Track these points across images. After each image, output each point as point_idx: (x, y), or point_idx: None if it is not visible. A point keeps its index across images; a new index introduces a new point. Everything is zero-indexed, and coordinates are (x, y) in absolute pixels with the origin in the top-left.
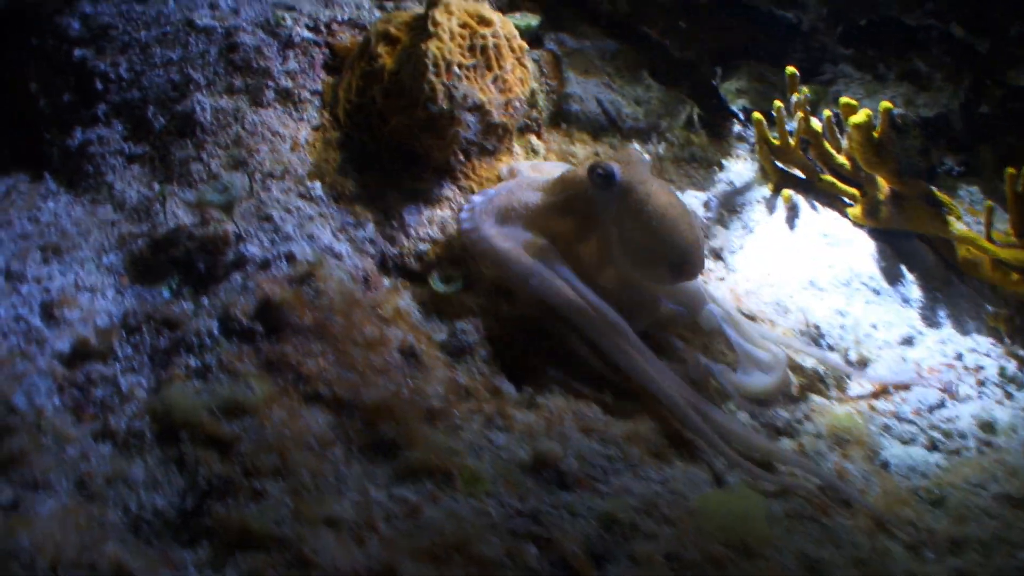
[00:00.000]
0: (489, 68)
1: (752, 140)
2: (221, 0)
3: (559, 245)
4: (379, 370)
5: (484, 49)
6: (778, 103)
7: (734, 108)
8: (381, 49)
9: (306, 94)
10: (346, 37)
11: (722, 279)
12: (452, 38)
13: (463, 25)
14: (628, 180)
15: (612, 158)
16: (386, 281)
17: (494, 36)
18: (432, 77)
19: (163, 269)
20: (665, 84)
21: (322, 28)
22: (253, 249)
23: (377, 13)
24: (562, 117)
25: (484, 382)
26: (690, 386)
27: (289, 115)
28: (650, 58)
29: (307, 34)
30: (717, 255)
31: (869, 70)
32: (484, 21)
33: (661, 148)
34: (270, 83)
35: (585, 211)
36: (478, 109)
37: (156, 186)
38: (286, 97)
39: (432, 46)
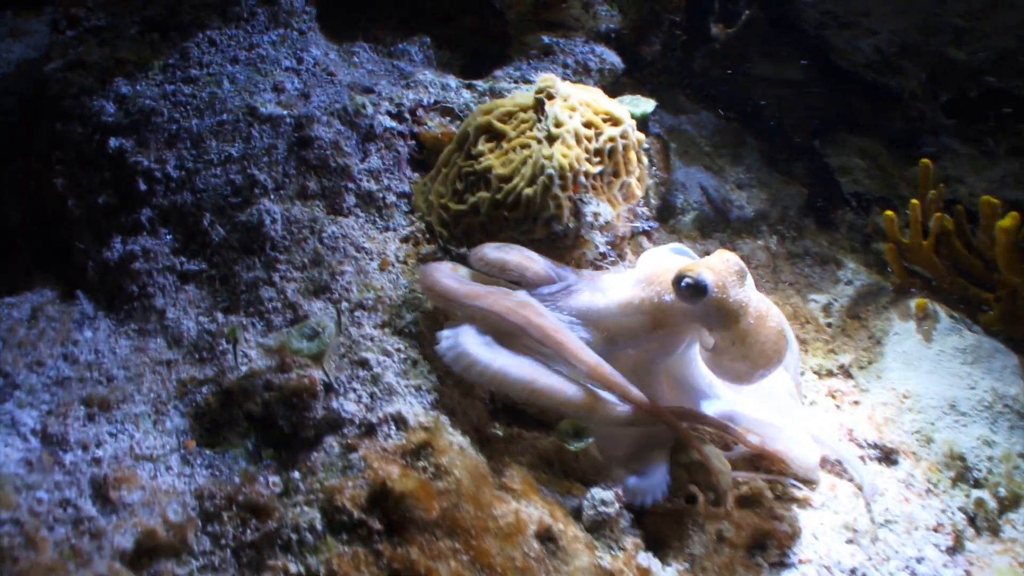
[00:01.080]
0: (616, 175)
1: (866, 230)
2: (287, 81)
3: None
4: (520, 569)
5: (612, 153)
6: (915, 202)
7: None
8: (484, 146)
9: (391, 197)
10: (434, 125)
11: (856, 402)
12: (579, 141)
13: (588, 124)
14: (720, 294)
15: (705, 265)
16: (499, 431)
17: (623, 137)
18: (558, 191)
19: (237, 427)
20: (768, 163)
21: (406, 115)
22: (350, 407)
23: (466, 94)
24: (668, 211)
25: (627, 560)
26: None
27: (374, 224)
28: (750, 133)
29: (390, 123)
30: (846, 372)
31: (975, 144)
32: (613, 120)
33: (773, 242)
34: (350, 185)
35: (664, 320)
36: (607, 227)
37: (220, 316)
38: (369, 202)
39: (558, 153)
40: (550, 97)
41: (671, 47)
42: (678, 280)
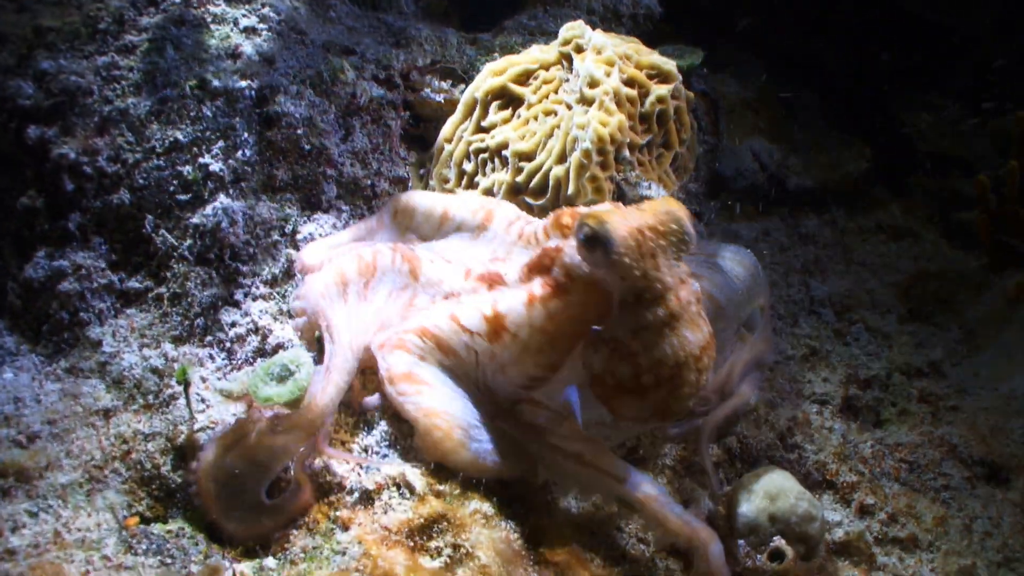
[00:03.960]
0: (667, 145)
1: (941, 196)
2: (246, 44)
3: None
4: None
5: (662, 118)
6: (1014, 163)
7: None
8: (497, 115)
9: (383, 184)
10: (432, 91)
11: (955, 407)
12: (620, 105)
13: (630, 83)
14: (627, 257)
15: (621, 215)
16: None
17: (675, 97)
18: (596, 170)
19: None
20: (827, 121)
21: (397, 80)
22: (339, 467)
23: (469, 51)
24: (718, 183)
25: None
26: None
27: (362, 219)
28: (805, 87)
29: (377, 90)
30: (938, 370)
31: None
32: (661, 75)
33: (841, 215)
34: (329, 172)
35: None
36: None
37: (169, 349)
38: (354, 191)
39: (595, 120)
40: (579, 50)
41: None
42: (578, 228)
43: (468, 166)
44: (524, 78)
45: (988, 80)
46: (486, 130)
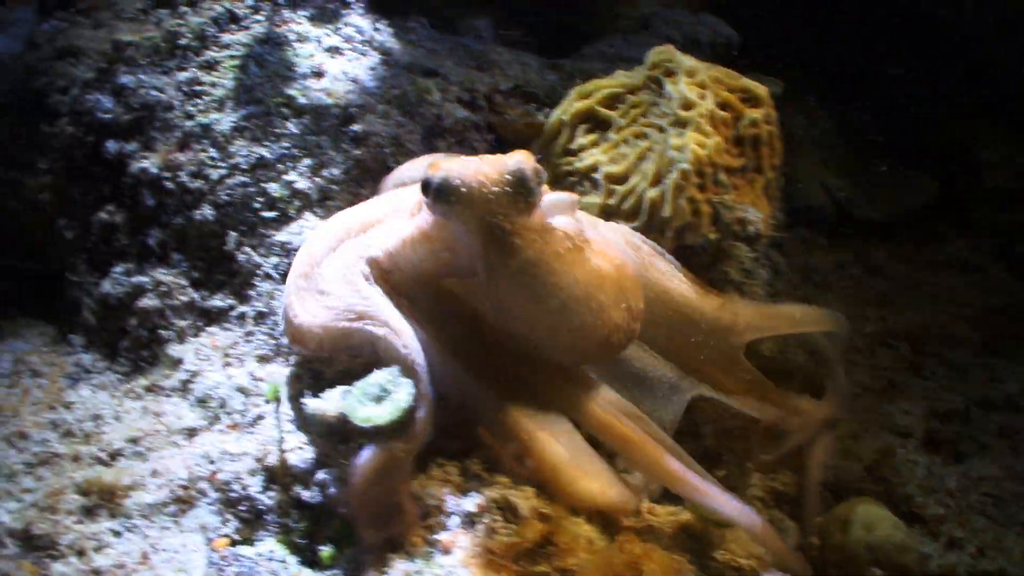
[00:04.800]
0: (759, 169)
1: (1008, 231)
2: (331, 63)
3: None
4: None
5: (756, 142)
6: None
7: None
8: (584, 138)
9: None
10: (515, 115)
11: None
12: (715, 127)
13: (724, 106)
14: (456, 198)
15: (459, 162)
16: None
17: (767, 121)
18: (694, 192)
19: (285, 517)
20: (891, 152)
21: (481, 102)
22: (439, 489)
23: (551, 76)
24: (790, 214)
25: None
26: None
27: None
28: (866, 115)
29: (462, 112)
30: (1014, 403)
31: None
32: (752, 99)
33: (908, 248)
34: None
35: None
36: (755, 239)
37: (256, 367)
38: None
39: (691, 143)
40: (668, 73)
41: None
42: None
43: (556, 189)
44: (611, 101)
45: None
46: (574, 153)
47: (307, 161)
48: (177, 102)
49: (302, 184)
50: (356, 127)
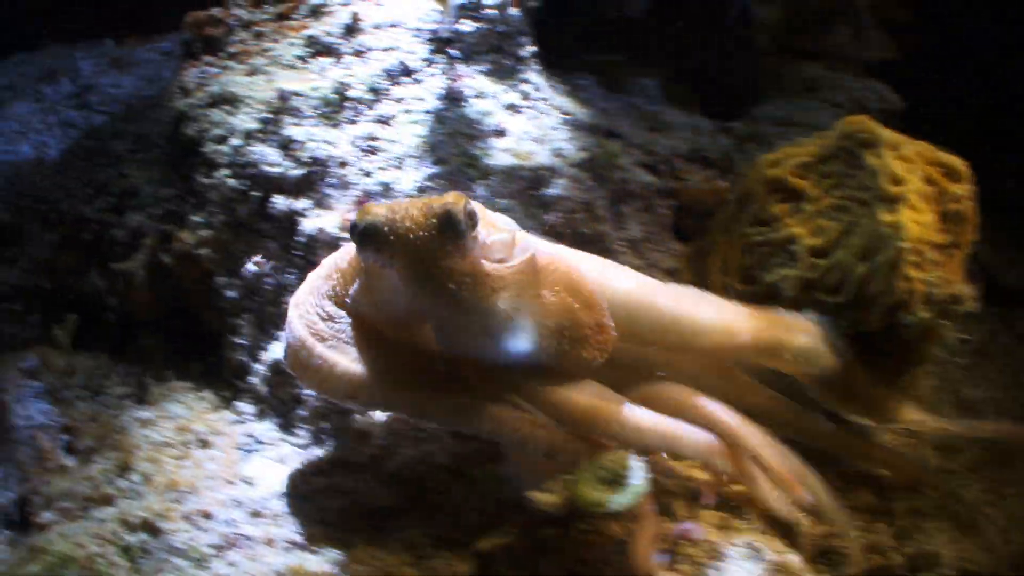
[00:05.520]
0: (959, 245)
1: None
2: (512, 121)
3: None
4: None
5: (958, 218)
6: None
7: None
8: (776, 208)
9: (657, 276)
10: (697, 180)
11: None
12: (927, 203)
13: (928, 180)
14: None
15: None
16: None
17: (968, 197)
18: (910, 271)
19: None
20: None
21: (662, 167)
22: None
23: (722, 140)
24: None
25: None
26: None
27: None
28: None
29: (646, 176)
30: None
31: None
32: (950, 173)
33: None
34: None
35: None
36: (961, 316)
37: None
38: None
39: (906, 220)
40: (865, 145)
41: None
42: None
43: (746, 259)
44: (803, 171)
45: None
46: (766, 223)
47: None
48: (352, 158)
49: None
50: (547, 191)
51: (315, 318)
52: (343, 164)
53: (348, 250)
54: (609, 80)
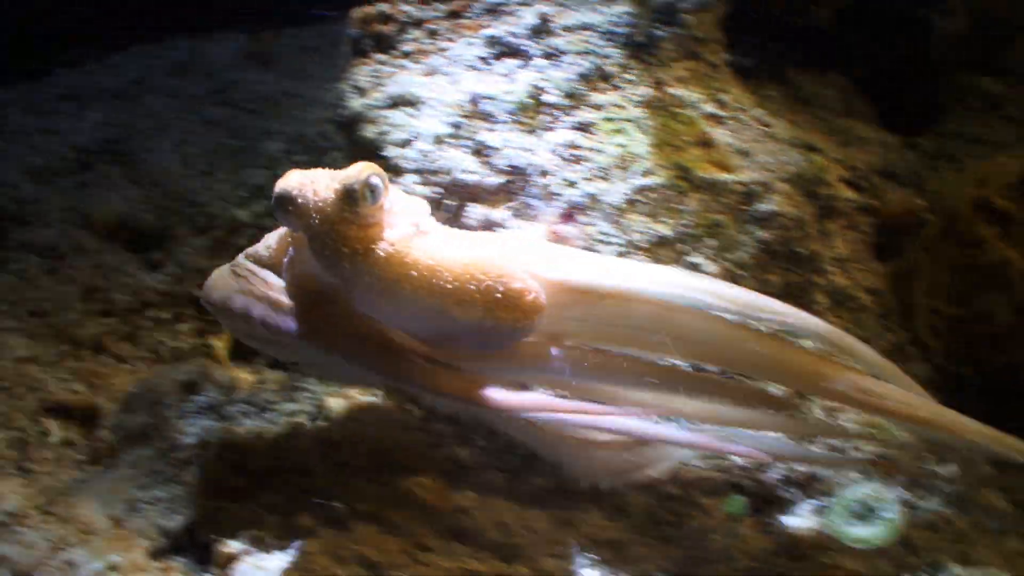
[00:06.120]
0: None
1: None
2: (715, 133)
3: None
4: None
5: None
6: None
7: None
8: (984, 231)
9: (861, 296)
10: (895, 198)
11: None
12: None
13: None
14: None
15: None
16: None
17: None
18: None
19: None
20: None
21: (861, 183)
22: None
23: (910, 156)
24: None
25: None
26: None
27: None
28: None
29: (848, 193)
30: None
31: None
32: None
33: None
34: (818, 281)
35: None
36: None
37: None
38: (840, 303)
39: None
40: None
41: None
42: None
43: (955, 282)
44: (1009, 191)
45: None
46: (974, 245)
47: (710, 241)
48: (553, 167)
49: (709, 267)
50: (760, 206)
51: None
52: (544, 173)
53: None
54: (793, 90)
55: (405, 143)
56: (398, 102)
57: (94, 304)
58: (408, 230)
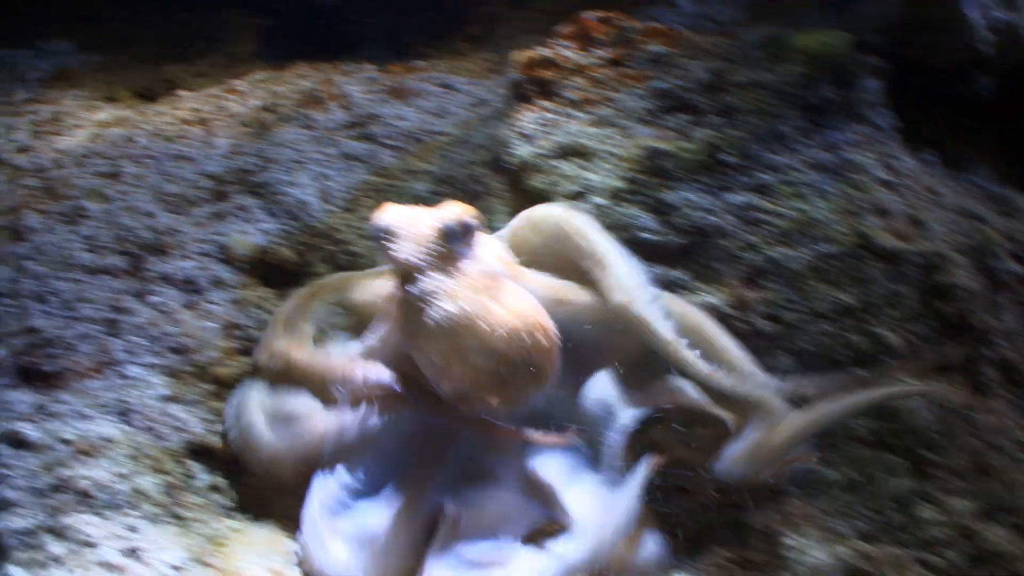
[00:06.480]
0: None
1: None
2: (888, 200)
3: None
4: None
5: None
6: None
7: None
8: None
9: None
10: None
11: None
12: None
13: None
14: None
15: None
16: None
17: None
18: None
19: None
20: None
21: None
22: None
23: None
24: None
25: None
26: None
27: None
28: None
29: (1013, 266)
30: None
31: None
32: None
33: None
34: (989, 355)
35: None
36: None
37: (859, 546)
38: (1009, 377)
39: None
40: None
41: None
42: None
43: None
44: None
45: None
46: None
47: (891, 312)
48: (732, 228)
49: (891, 338)
50: (939, 278)
51: None
52: (723, 235)
53: None
54: (949, 157)
55: (576, 195)
56: (568, 152)
57: (234, 342)
58: (497, 267)
